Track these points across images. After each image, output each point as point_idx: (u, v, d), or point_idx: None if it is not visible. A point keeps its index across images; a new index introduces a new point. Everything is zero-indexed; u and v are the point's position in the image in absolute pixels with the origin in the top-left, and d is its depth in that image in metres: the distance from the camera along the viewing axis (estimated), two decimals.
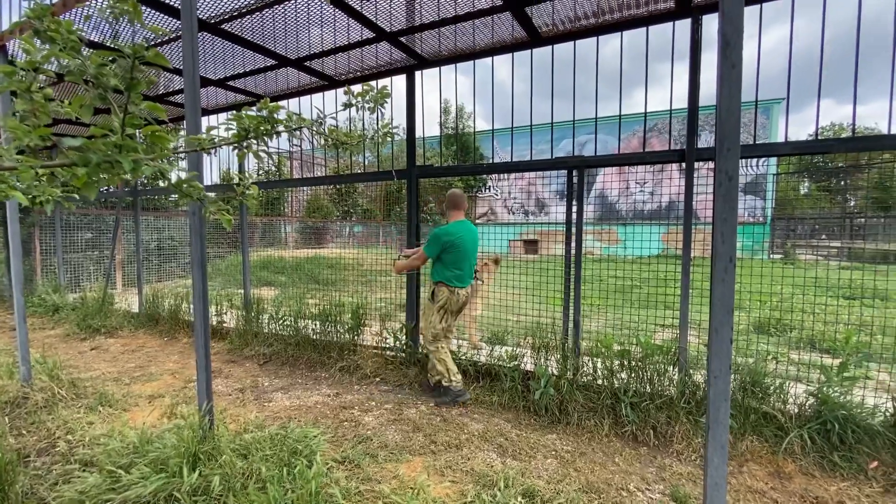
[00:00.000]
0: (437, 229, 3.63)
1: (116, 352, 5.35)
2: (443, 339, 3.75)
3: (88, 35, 4.11)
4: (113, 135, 1.08)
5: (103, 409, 3.49)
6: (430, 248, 3.63)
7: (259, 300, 5.67)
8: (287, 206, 15.37)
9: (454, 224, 3.67)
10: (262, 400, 3.79)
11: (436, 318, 3.67)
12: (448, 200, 3.79)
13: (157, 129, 1.17)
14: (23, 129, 1.01)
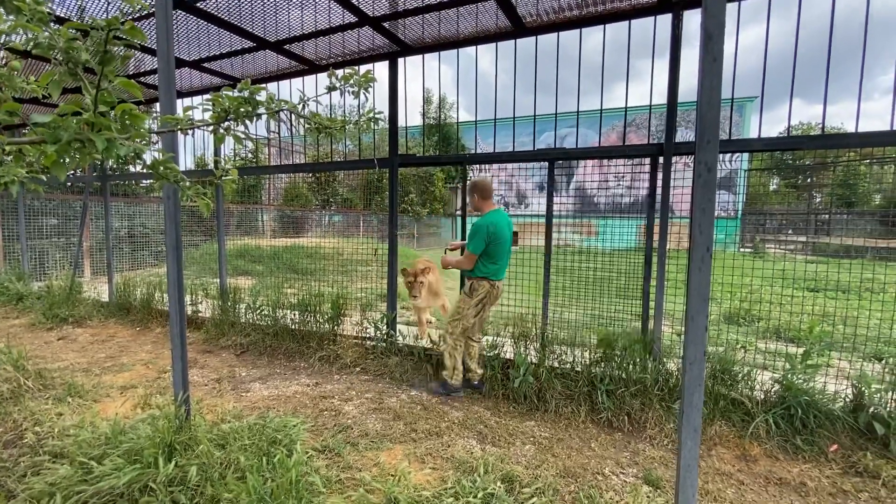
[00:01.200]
0: (479, 220, 3.41)
1: (85, 342, 5.18)
2: (475, 333, 3.64)
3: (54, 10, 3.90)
4: (84, 112, 1.04)
5: (73, 400, 3.37)
6: (476, 243, 3.37)
7: (236, 289, 5.56)
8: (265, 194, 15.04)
9: (492, 214, 3.44)
10: (239, 390, 3.73)
11: (471, 312, 3.49)
12: (479, 190, 3.51)
13: (131, 107, 1.12)
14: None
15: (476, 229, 3.38)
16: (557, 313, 4.09)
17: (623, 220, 4.87)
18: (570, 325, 3.98)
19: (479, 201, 3.54)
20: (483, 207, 3.54)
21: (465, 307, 3.52)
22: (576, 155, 3.51)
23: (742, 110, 20.56)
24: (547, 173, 3.64)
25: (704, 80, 1.47)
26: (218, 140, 1.34)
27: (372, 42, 4.17)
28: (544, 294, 3.80)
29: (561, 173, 3.83)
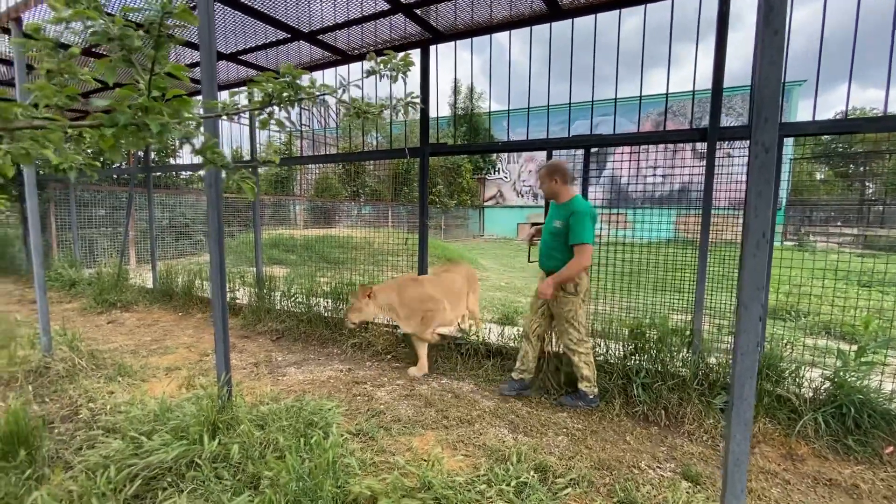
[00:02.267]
0: (578, 206, 3.04)
1: (132, 325, 5.45)
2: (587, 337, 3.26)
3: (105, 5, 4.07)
4: (139, 97, 1.07)
5: (122, 379, 3.56)
6: (589, 231, 3.00)
7: (271, 278, 5.72)
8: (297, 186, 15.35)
9: (580, 199, 3.15)
10: (276, 374, 3.85)
11: (582, 312, 3.15)
12: (561, 173, 3.13)
13: (181, 92, 1.15)
14: (50, 89, 0.99)
15: (581, 216, 2.98)
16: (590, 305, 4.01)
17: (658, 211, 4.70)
18: (603, 317, 3.89)
19: (560, 185, 3.16)
20: (563, 193, 3.17)
21: (574, 307, 3.12)
22: (613, 141, 3.40)
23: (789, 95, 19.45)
24: (582, 161, 3.54)
25: (764, 55, 1.38)
26: (262, 124, 1.36)
27: (404, 30, 4.15)
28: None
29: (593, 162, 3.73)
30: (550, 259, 3.21)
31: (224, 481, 2.11)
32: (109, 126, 1.01)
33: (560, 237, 3.12)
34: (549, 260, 3.22)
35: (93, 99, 0.97)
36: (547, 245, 3.27)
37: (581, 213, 3.00)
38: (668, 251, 4.48)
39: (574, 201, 3.13)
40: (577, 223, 2.99)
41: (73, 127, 1.00)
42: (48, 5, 0.99)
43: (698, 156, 3.81)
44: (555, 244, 3.18)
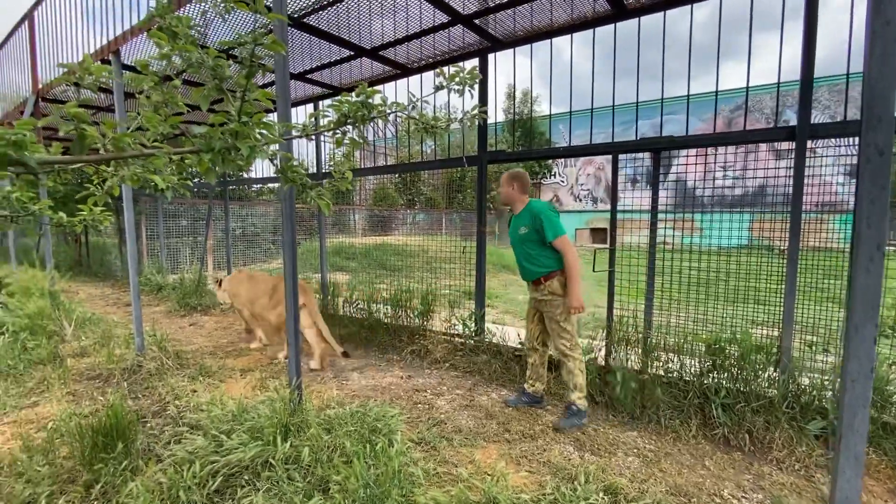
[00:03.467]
0: (540, 204, 3.12)
1: (211, 328, 5.89)
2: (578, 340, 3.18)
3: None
4: (231, 123, 1.14)
5: (203, 379, 3.84)
6: (560, 223, 3.04)
7: (334, 284, 5.95)
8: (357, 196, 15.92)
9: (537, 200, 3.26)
10: (340, 378, 3.98)
11: (572, 315, 3.06)
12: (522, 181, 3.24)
13: (264, 116, 1.22)
14: (157, 119, 1.09)
15: (544, 212, 3.03)
16: (659, 317, 3.78)
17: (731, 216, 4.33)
18: (674, 330, 3.65)
19: (518, 193, 3.23)
20: (520, 201, 3.24)
21: (565, 309, 3.05)
22: (686, 143, 3.20)
23: None
24: (651, 164, 3.37)
25: (875, 47, 1.23)
26: (338, 143, 1.41)
27: (462, 40, 4.19)
28: (647, 296, 3.53)
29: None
30: (534, 265, 3.13)
31: (296, 483, 2.20)
32: (206, 151, 1.09)
33: (532, 240, 3.11)
34: (533, 266, 3.14)
35: (192, 127, 1.06)
36: (523, 254, 3.21)
37: (542, 209, 3.06)
38: (743, 258, 4.13)
39: (532, 204, 3.16)
40: (545, 219, 3.01)
41: (176, 153, 1.09)
42: (154, 42, 1.08)
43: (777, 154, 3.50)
44: (530, 249, 3.14)
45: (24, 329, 4.71)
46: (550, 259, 3.08)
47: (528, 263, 3.16)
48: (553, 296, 3.08)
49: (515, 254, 3.30)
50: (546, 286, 3.09)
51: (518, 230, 3.19)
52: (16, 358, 4.08)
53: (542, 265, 3.10)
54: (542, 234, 3.03)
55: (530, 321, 3.35)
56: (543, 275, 3.10)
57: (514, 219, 3.30)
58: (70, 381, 3.80)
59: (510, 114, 23.22)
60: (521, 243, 3.18)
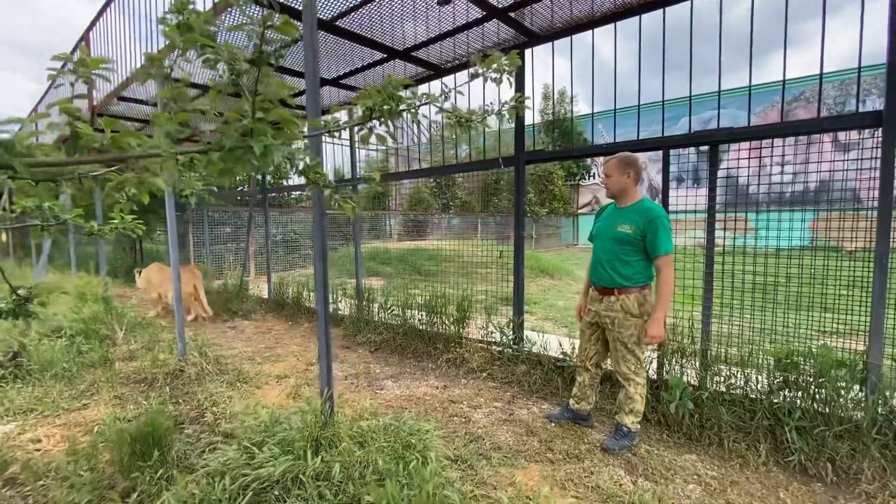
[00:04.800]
0: (660, 209, 2.66)
1: (251, 333, 5.98)
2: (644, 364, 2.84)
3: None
4: (244, 119, 1.03)
5: (240, 385, 3.85)
6: (671, 240, 2.63)
7: (369, 290, 5.91)
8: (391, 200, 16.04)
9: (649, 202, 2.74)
10: (374, 387, 3.88)
11: (643, 337, 2.70)
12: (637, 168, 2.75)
13: (284, 112, 1.11)
14: (165, 117, 0.99)
15: (663, 221, 2.59)
16: (718, 326, 3.44)
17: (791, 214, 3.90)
18: (735, 340, 3.31)
19: (632, 183, 2.74)
20: (633, 194, 2.76)
21: (639, 331, 2.70)
22: (750, 134, 2.89)
23: None
24: (701, 160, 3.07)
25: None
26: (363, 140, 1.29)
27: (497, 36, 4.03)
28: (705, 303, 3.22)
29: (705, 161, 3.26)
30: (618, 272, 2.72)
31: (326, 500, 2.10)
32: (217, 150, 0.98)
33: (632, 245, 2.68)
34: (616, 273, 2.72)
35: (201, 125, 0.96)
36: (610, 255, 2.75)
37: (663, 217, 2.60)
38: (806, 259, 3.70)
39: (647, 204, 2.70)
40: (663, 230, 2.58)
41: (182, 153, 0.99)
42: (164, 36, 0.99)
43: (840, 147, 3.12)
44: (626, 254, 2.70)
45: (80, 333, 4.94)
46: (641, 273, 2.69)
47: (612, 268, 2.73)
48: (625, 314, 2.69)
49: (598, 249, 2.84)
50: (619, 300, 2.71)
51: (616, 225, 2.73)
52: (70, 361, 4.25)
53: (628, 277, 2.69)
54: (649, 244, 2.62)
55: (586, 338, 2.98)
56: (621, 287, 2.70)
57: (613, 211, 2.84)
58: (117, 385, 3.90)
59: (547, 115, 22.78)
60: (616, 242, 2.72)
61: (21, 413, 3.33)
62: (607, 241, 2.79)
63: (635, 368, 2.77)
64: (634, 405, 2.77)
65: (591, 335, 2.97)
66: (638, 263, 2.71)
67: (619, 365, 2.80)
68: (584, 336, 3.02)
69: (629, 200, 2.78)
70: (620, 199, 2.82)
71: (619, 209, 2.81)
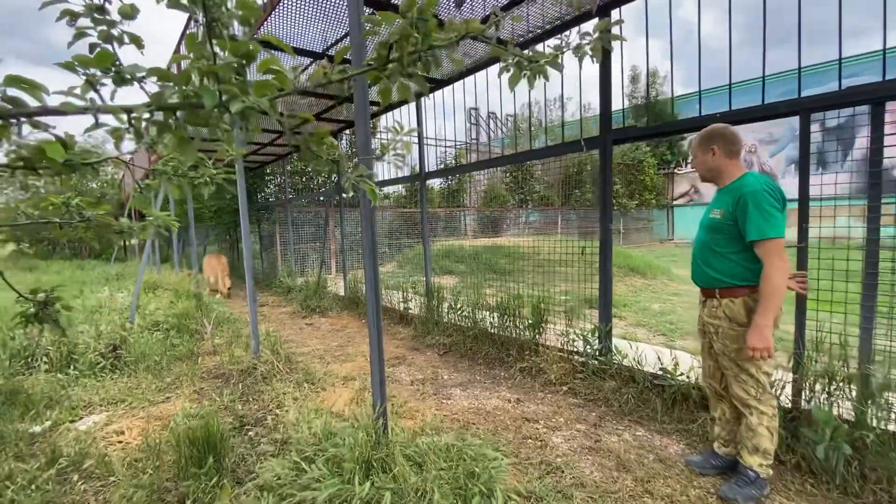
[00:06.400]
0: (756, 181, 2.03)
1: (325, 330, 6.03)
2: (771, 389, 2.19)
3: None
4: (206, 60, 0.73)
5: (307, 385, 3.77)
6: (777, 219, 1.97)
7: (439, 288, 5.64)
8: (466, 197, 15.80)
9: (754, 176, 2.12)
10: (440, 395, 3.58)
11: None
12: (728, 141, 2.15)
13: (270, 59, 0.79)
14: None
15: (758, 195, 1.96)
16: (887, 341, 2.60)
17: None
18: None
19: (722, 158, 2.16)
20: (728, 170, 2.16)
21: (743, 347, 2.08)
22: None
23: None
24: (871, 122, 2.29)
25: None
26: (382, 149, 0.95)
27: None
28: (864, 313, 2.43)
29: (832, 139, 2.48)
30: (711, 267, 2.18)
31: None
32: (158, 109, 0.69)
33: (723, 231, 2.12)
34: (710, 269, 2.18)
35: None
36: (703, 247, 2.24)
37: (757, 192, 1.97)
38: None
39: (744, 179, 2.10)
40: (753, 205, 1.97)
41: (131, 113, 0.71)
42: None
43: None
44: (716, 243, 2.15)
45: (173, 327, 5.29)
46: (740, 267, 2.09)
47: (704, 262, 2.21)
48: (730, 322, 2.12)
49: (696, 240, 2.34)
50: (722, 305, 2.15)
51: (710, 211, 2.23)
52: (162, 354, 4.52)
53: (726, 273, 2.12)
54: (741, 226, 2.03)
55: (705, 352, 2.39)
56: (723, 286, 2.14)
57: (715, 196, 2.27)
58: (198, 380, 4.05)
59: (634, 99, 20.96)
60: (708, 230, 2.20)
61: (113, 403, 3.54)
62: (701, 230, 2.31)
63: (756, 392, 2.13)
64: (760, 442, 2.13)
65: (707, 347, 2.37)
66: (738, 256, 2.11)
67: (734, 387, 2.18)
68: (703, 351, 2.42)
69: (727, 179, 2.20)
70: (715, 180, 2.26)
71: (717, 192, 2.27)
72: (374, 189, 1.02)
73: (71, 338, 4.24)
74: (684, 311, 6.37)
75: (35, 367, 4.00)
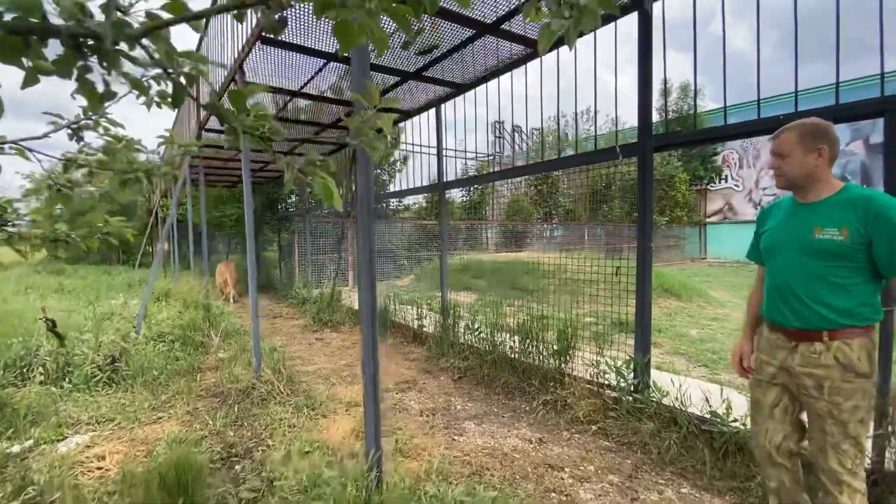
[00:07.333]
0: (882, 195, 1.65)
1: (336, 346, 5.73)
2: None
3: None
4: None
5: (307, 410, 3.45)
6: None
7: (456, 306, 5.28)
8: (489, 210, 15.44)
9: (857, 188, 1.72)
10: (452, 430, 3.19)
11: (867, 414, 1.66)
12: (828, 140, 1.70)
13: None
14: None
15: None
16: None
17: None
18: None
19: (824, 163, 1.70)
20: (827, 180, 1.71)
21: (869, 402, 1.65)
22: None
23: None
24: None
25: None
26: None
27: None
28: None
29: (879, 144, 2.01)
30: (824, 304, 1.66)
31: None
32: None
33: (848, 259, 1.63)
34: (823, 306, 1.66)
35: None
36: (810, 276, 1.69)
37: (893, 207, 1.56)
38: None
39: (862, 192, 1.65)
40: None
41: None
42: None
43: None
44: (833, 274, 1.65)
45: (178, 339, 5.09)
46: (866, 305, 1.65)
47: (816, 299, 1.68)
48: (844, 372, 1.64)
49: (780, 270, 1.80)
50: (832, 350, 1.65)
51: (811, 230, 1.70)
52: (162, 368, 4.30)
53: (842, 309, 1.65)
54: (880, 254, 1.59)
55: (767, 411, 1.87)
56: (836, 328, 1.65)
57: (796, 209, 1.80)
58: (196, 398, 3.79)
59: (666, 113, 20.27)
60: (818, 256, 1.69)
61: (102, 422, 3.30)
62: (798, 255, 1.73)
63: (853, 465, 1.67)
64: None
65: (775, 405, 1.85)
66: (860, 288, 1.64)
67: (829, 459, 1.69)
68: (760, 407, 1.89)
69: (826, 191, 1.71)
70: (806, 190, 1.75)
71: (810, 205, 1.74)
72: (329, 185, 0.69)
73: (69, 348, 4.06)
74: (726, 337, 5.79)
75: (30, 379, 3.82)
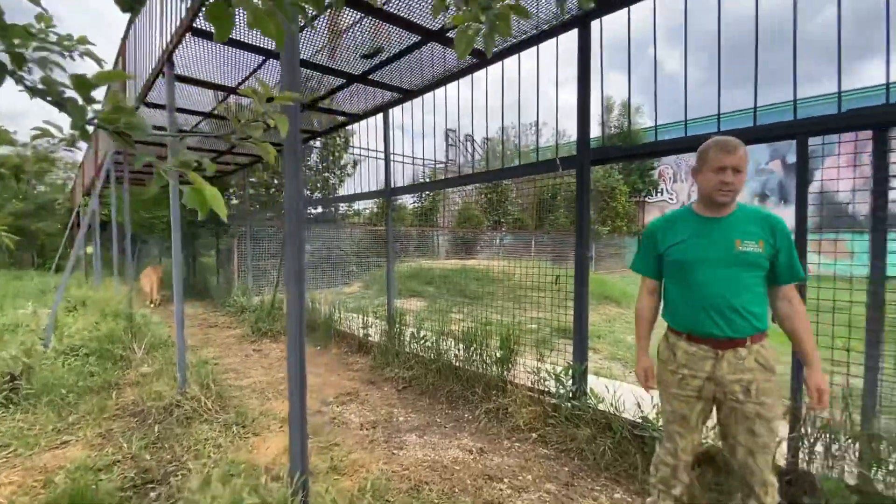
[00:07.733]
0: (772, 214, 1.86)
1: (274, 357, 5.45)
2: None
3: None
4: None
5: (236, 428, 3.22)
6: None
7: (402, 314, 5.19)
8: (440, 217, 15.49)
9: None
10: (392, 443, 3.10)
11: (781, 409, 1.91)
12: None
13: None
14: None
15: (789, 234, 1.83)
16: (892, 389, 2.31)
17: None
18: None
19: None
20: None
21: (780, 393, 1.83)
22: None
23: None
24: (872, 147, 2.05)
25: None
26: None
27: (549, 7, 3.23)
28: (868, 362, 2.15)
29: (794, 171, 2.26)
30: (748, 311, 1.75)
31: None
32: None
33: (763, 270, 1.78)
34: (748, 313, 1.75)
35: None
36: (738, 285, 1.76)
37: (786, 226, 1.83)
38: None
39: (758, 210, 1.88)
40: (793, 247, 1.81)
41: None
42: None
43: None
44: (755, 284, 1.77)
45: (94, 352, 4.62)
46: (765, 309, 1.82)
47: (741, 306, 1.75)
48: (765, 372, 1.74)
49: (707, 281, 1.80)
50: (755, 353, 1.75)
51: (733, 243, 1.77)
52: (72, 385, 3.87)
53: (760, 315, 1.78)
54: (783, 265, 1.77)
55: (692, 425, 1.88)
56: (755, 333, 1.76)
57: (707, 223, 1.85)
58: (110, 418, 3.43)
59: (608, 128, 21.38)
60: (742, 267, 1.76)
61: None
62: (727, 267, 1.77)
63: (773, 461, 1.79)
64: None
65: (701, 418, 1.88)
66: (764, 296, 1.83)
67: (756, 459, 1.74)
68: (687, 421, 1.88)
69: (733, 206, 1.86)
70: (727, 206, 1.84)
71: (724, 220, 1.82)
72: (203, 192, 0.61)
73: None
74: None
75: None
